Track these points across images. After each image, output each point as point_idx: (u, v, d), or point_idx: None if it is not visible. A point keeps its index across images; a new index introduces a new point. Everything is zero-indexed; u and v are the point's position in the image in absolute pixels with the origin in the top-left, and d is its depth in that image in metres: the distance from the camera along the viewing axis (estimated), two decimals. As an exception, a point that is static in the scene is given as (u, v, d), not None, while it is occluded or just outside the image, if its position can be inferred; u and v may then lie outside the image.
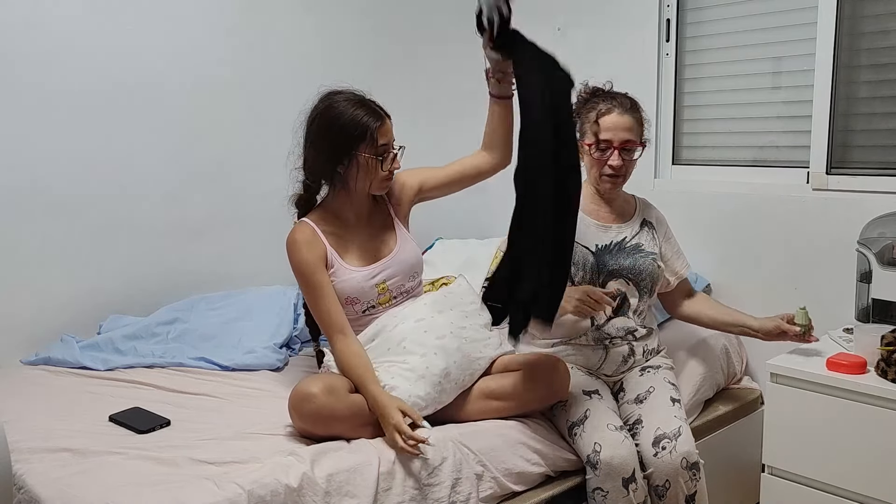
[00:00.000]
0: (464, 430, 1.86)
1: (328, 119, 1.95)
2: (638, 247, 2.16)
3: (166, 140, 2.62)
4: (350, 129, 1.92)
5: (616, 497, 1.85)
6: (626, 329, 2.14)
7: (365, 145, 1.93)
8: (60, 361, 2.26)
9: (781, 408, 2.08)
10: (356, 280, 1.98)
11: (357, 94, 2.00)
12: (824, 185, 2.54)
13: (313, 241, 1.98)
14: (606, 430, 1.90)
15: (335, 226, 2.02)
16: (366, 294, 1.99)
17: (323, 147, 1.96)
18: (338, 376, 1.89)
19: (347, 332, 1.93)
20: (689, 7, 2.86)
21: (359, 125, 1.92)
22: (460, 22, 3.39)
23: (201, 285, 2.69)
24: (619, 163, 2.10)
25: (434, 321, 1.97)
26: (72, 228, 2.45)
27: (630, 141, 2.10)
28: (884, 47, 2.43)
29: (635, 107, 2.15)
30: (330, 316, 1.94)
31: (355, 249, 2.02)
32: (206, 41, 2.67)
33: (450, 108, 3.34)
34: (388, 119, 2.00)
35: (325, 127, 1.95)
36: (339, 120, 1.93)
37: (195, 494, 1.50)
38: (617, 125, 2.09)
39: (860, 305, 2.22)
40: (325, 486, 1.59)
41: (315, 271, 1.95)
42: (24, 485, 1.56)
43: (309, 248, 1.96)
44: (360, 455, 1.70)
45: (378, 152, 1.95)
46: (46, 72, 2.36)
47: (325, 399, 1.73)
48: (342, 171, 1.97)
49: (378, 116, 1.96)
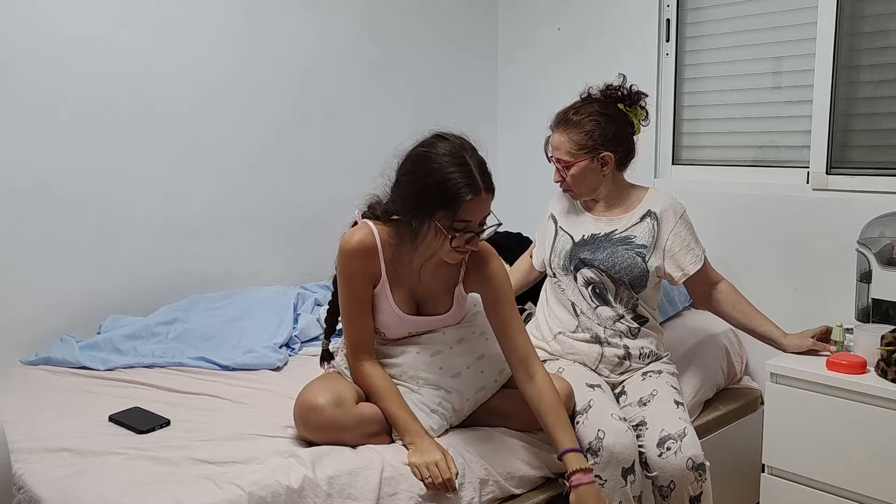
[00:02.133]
0: (466, 435, 1.85)
1: (420, 169, 1.71)
2: (626, 239, 2.15)
3: (167, 140, 2.62)
4: (435, 191, 1.68)
5: (614, 486, 1.85)
6: (613, 317, 2.13)
7: (444, 215, 1.69)
8: (60, 361, 2.26)
9: (781, 408, 2.08)
10: (393, 319, 1.85)
11: (462, 151, 1.72)
12: (824, 185, 2.54)
13: (370, 255, 1.80)
14: (610, 418, 1.90)
15: (401, 251, 1.80)
16: (393, 332, 1.90)
17: (404, 194, 1.75)
18: (344, 382, 1.84)
19: (373, 354, 1.86)
20: (689, 7, 2.86)
21: (446, 192, 1.67)
22: (458, 25, 3.40)
23: (201, 285, 2.69)
24: (558, 178, 2.18)
25: (451, 354, 1.87)
26: (72, 228, 2.45)
27: (559, 160, 2.14)
28: (884, 47, 2.43)
29: (576, 120, 2.12)
30: (362, 336, 1.83)
31: (407, 289, 1.85)
32: (206, 41, 2.67)
33: (449, 109, 3.34)
34: (486, 193, 1.71)
35: (414, 175, 1.72)
36: (429, 176, 1.68)
37: (195, 494, 1.49)
38: (550, 142, 2.17)
39: (860, 305, 2.22)
40: (326, 489, 1.58)
41: (359, 289, 1.81)
42: (23, 485, 1.56)
43: (362, 261, 1.79)
44: (362, 458, 1.69)
45: (455, 228, 1.70)
46: (47, 72, 2.36)
47: (332, 412, 1.70)
48: (415, 225, 1.73)
49: (474, 188, 1.68)
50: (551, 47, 3.26)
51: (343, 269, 1.81)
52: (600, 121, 2.12)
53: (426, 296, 1.88)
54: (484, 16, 3.43)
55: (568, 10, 3.17)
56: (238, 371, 2.26)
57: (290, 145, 2.91)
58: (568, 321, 2.18)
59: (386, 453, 1.72)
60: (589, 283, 2.14)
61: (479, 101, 3.46)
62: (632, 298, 2.15)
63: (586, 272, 2.14)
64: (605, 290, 2.14)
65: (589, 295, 2.15)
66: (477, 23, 3.42)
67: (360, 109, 3.10)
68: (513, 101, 3.45)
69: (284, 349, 2.43)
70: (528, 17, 3.36)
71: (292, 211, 2.95)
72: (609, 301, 2.14)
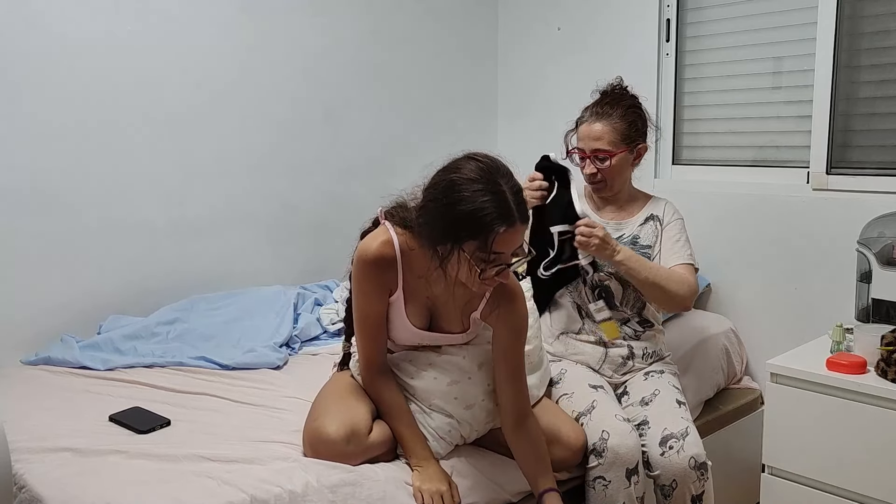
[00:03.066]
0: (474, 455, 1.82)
1: (449, 196, 1.55)
2: (634, 241, 2.16)
3: (166, 140, 2.62)
4: (466, 221, 1.53)
5: (617, 487, 1.85)
6: (619, 319, 2.14)
7: (475, 245, 1.55)
8: (60, 361, 2.26)
9: (781, 408, 2.08)
10: (405, 333, 1.78)
11: (497, 176, 1.57)
12: (824, 185, 2.54)
13: (387, 267, 1.70)
14: (614, 419, 1.90)
15: (421, 263, 1.67)
16: (402, 342, 1.83)
17: (432, 219, 1.59)
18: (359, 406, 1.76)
19: (385, 368, 1.79)
20: (689, 7, 2.86)
21: (478, 222, 1.53)
22: (458, 26, 3.41)
23: (201, 285, 2.69)
24: (592, 170, 2.11)
25: (469, 384, 1.79)
26: (72, 228, 2.45)
27: (599, 150, 2.08)
28: (884, 47, 2.43)
29: (612, 113, 2.08)
30: (376, 350, 1.77)
31: (421, 303, 1.76)
32: (206, 41, 2.67)
33: (449, 109, 3.34)
34: (521, 224, 1.58)
35: (443, 202, 1.56)
36: (460, 204, 1.54)
37: (196, 494, 1.49)
38: (587, 134, 2.09)
39: (860, 305, 2.22)
40: (330, 496, 1.56)
41: (375, 301, 1.72)
42: (24, 484, 1.56)
43: (380, 273, 1.70)
44: (366, 468, 1.66)
45: (486, 259, 1.57)
46: (47, 72, 2.36)
47: (343, 448, 1.64)
48: (441, 251, 1.58)
49: (508, 219, 1.54)
50: (551, 47, 3.26)
51: (359, 279, 1.72)
52: (639, 113, 2.13)
53: (441, 312, 1.79)
54: (484, 16, 3.43)
55: (568, 9, 3.17)
56: (238, 370, 2.26)
57: (290, 145, 2.91)
58: (572, 322, 2.18)
59: (390, 470, 1.69)
60: (596, 287, 2.14)
61: (479, 101, 3.46)
62: (638, 301, 2.15)
63: (594, 274, 2.14)
64: (611, 292, 2.14)
65: (595, 297, 2.14)
66: (477, 23, 3.42)
67: (360, 109, 3.10)
68: (513, 102, 3.45)
69: (284, 349, 2.43)
70: (528, 17, 3.36)
71: (292, 211, 2.95)
72: (615, 305, 2.14)
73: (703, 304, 2.83)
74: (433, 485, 1.66)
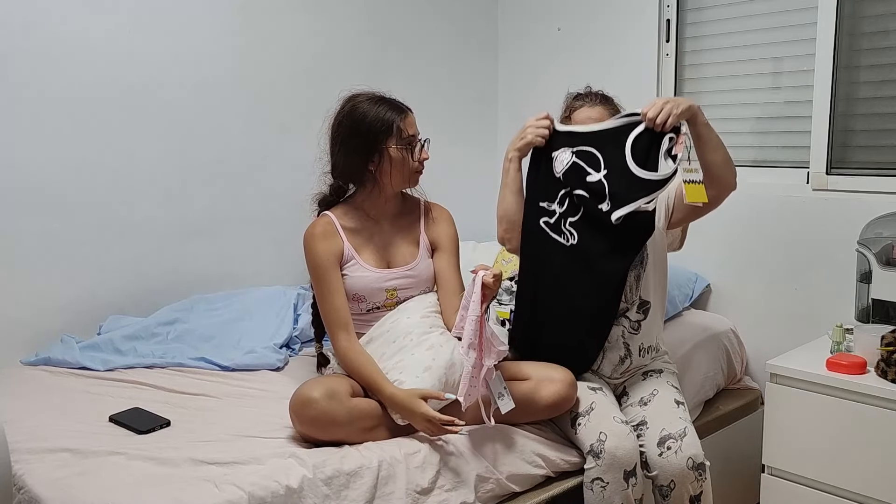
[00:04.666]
0: (466, 432, 1.85)
1: (354, 119, 2.01)
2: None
3: (166, 140, 2.62)
4: (377, 125, 1.98)
5: (615, 489, 1.85)
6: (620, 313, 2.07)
7: (393, 139, 1.99)
8: (60, 362, 2.26)
9: (781, 408, 2.08)
10: (368, 280, 2.02)
11: (377, 93, 2.05)
12: (824, 185, 2.54)
13: (331, 235, 2.02)
14: (612, 421, 1.90)
15: (357, 221, 2.07)
16: (374, 295, 2.03)
17: (353, 147, 2.01)
18: (340, 379, 1.89)
19: (351, 330, 1.97)
20: (689, 7, 2.86)
21: (384, 121, 1.99)
22: (458, 25, 3.40)
23: (201, 285, 2.69)
24: None
25: (440, 317, 2.02)
26: (72, 228, 2.44)
27: None
28: (884, 47, 2.43)
29: (607, 101, 2.17)
30: (337, 313, 1.97)
31: (373, 248, 2.06)
32: (206, 41, 2.67)
33: (448, 111, 3.34)
34: (410, 112, 2.05)
35: (353, 127, 2.00)
36: (366, 118, 1.99)
37: (195, 495, 1.50)
38: (589, 116, 2.11)
39: (860, 305, 2.23)
40: (325, 490, 1.59)
41: (328, 267, 1.98)
42: (24, 485, 1.56)
43: (325, 242, 2.00)
44: (360, 457, 1.70)
45: (409, 142, 2.01)
46: (46, 72, 2.35)
47: (325, 404, 1.73)
48: (374, 168, 2.01)
49: (400, 110, 2.03)
50: (551, 47, 3.26)
51: (310, 259, 2.00)
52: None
53: (394, 249, 2.08)
54: (484, 15, 3.43)
55: (568, 9, 3.17)
56: (238, 371, 2.26)
57: (290, 145, 2.91)
58: None
59: (385, 449, 1.73)
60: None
61: (479, 101, 3.46)
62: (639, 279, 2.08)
63: None
64: None
65: None
66: (477, 22, 3.41)
67: (360, 109, 3.09)
68: (513, 102, 3.44)
69: (284, 349, 2.44)
70: (528, 16, 3.36)
71: (293, 211, 2.93)
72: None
73: (703, 304, 2.83)
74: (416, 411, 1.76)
